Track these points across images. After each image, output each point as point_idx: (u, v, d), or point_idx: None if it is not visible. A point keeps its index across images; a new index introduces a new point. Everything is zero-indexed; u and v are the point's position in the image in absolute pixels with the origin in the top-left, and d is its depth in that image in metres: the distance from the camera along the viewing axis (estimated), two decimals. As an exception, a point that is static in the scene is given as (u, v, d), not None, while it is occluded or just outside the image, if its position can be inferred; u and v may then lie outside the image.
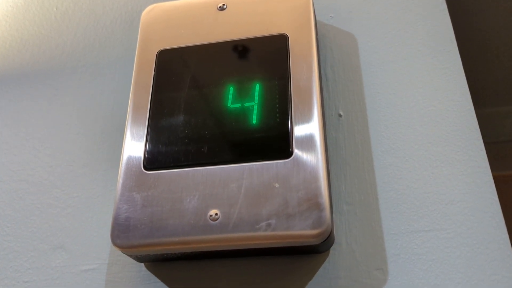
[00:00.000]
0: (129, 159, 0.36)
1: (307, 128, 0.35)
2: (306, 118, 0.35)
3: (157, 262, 0.37)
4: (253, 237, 0.31)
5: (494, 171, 0.36)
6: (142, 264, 0.37)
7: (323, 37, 0.44)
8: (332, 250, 0.35)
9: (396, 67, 0.42)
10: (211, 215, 0.32)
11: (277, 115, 0.36)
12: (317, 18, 0.45)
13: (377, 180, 0.37)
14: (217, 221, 0.32)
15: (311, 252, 0.34)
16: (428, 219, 0.34)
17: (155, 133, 0.37)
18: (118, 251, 0.38)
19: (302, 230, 0.31)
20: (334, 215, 0.36)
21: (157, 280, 0.36)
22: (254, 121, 0.36)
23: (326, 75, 0.42)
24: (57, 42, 0.51)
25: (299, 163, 0.33)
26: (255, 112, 0.36)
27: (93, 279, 0.38)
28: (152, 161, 0.36)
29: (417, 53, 0.42)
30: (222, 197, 0.33)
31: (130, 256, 0.35)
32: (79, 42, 0.51)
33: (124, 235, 0.33)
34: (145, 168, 0.35)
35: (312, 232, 0.31)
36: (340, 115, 0.40)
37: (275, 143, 0.35)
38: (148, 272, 0.37)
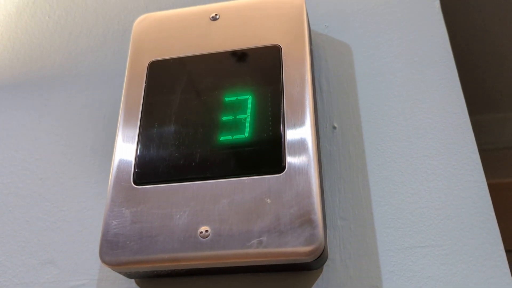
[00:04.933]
0: (119, 173, 0.35)
1: (300, 142, 0.34)
2: (299, 131, 0.34)
3: (148, 279, 0.36)
4: (244, 255, 0.31)
5: (491, 179, 0.36)
6: (133, 281, 0.36)
7: (318, 47, 0.44)
8: (325, 267, 0.34)
9: (392, 78, 0.41)
10: (201, 232, 0.32)
11: (270, 128, 0.35)
12: (311, 28, 0.44)
13: (372, 194, 0.36)
14: (207, 238, 0.31)
15: (304, 269, 0.33)
16: (423, 235, 0.34)
17: (145, 147, 0.36)
18: (107, 269, 0.37)
19: (294, 247, 0.30)
20: (328, 231, 0.35)
21: (148, 296, 0.35)
22: (246, 134, 0.35)
23: (320, 86, 0.42)
24: (48, 52, 0.51)
25: (292, 178, 0.32)
26: (247, 125, 0.36)
27: (82, 295, 0.37)
28: (142, 176, 0.35)
29: (413, 63, 0.41)
30: (213, 213, 0.32)
31: (120, 272, 0.34)
32: (70, 52, 0.50)
33: (112, 252, 0.32)
34: (135, 182, 0.35)
35: (305, 249, 0.30)
36: (334, 127, 0.39)
37: (267, 157, 0.34)
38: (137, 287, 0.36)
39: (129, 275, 0.34)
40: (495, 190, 0.35)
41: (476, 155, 0.36)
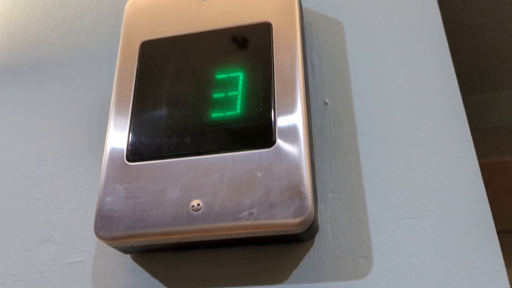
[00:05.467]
0: (112, 151, 0.36)
1: (290, 117, 0.34)
2: (289, 107, 0.35)
3: (143, 253, 0.36)
4: (235, 227, 0.31)
5: (480, 158, 0.36)
6: (129, 256, 0.37)
7: (309, 24, 0.44)
8: (317, 239, 0.34)
9: (383, 54, 0.41)
10: (193, 206, 0.32)
11: (261, 104, 0.35)
12: (303, 5, 0.44)
13: (363, 168, 0.36)
14: (199, 212, 0.32)
15: (295, 240, 0.34)
16: (413, 206, 0.34)
17: (137, 125, 0.37)
18: (104, 243, 0.38)
19: (284, 219, 0.31)
20: (319, 204, 0.36)
21: (143, 271, 0.36)
22: (237, 111, 0.36)
23: (312, 63, 0.42)
24: (43, 36, 0.51)
25: (282, 152, 0.33)
26: (238, 101, 0.36)
27: (80, 271, 0.38)
28: (135, 153, 0.35)
29: (405, 39, 0.41)
30: (204, 187, 0.33)
31: (115, 247, 0.35)
32: (65, 35, 0.50)
33: (107, 227, 0.33)
34: (128, 159, 0.35)
35: (294, 220, 0.31)
36: (326, 103, 0.40)
37: (257, 132, 0.34)
38: (134, 263, 0.37)
39: (124, 250, 0.35)
40: (484, 170, 0.35)
41: (466, 127, 0.36)
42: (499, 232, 0.33)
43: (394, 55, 0.41)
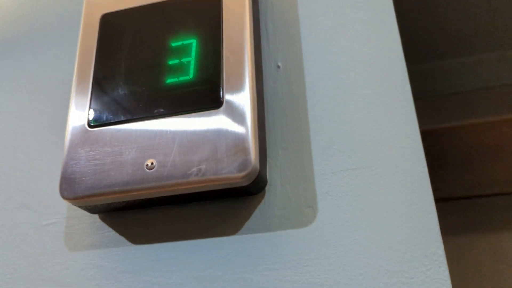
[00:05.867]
0: (75, 118, 0.38)
1: (237, 79, 0.36)
2: (237, 70, 0.37)
3: (109, 213, 0.39)
4: (185, 183, 0.34)
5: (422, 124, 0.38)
6: (96, 216, 0.40)
7: (264, -8, 0.45)
8: (267, 192, 0.37)
9: (333, 19, 0.43)
10: (147, 165, 0.35)
11: (211, 69, 0.37)
12: (258, -26, 0.46)
13: (311, 124, 0.39)
14: (153, 170, 0.35)
15: (246, 194, 0.36)
16: (356, 159, 0.36)
17: (97, 93, 0.39)
18: (75, 206, 0.41)
19: (229, 173, 0.33)
20: (269, 160, 0.38)
21: (110, 229, 0.39)
22: (190, 76, 0.38)
23: (266, 28, 0.44)
24: (4, 11, 0.53)
25: (229, 112, 0.35)
26: (191, 67, 0.38)
27: (54, 232, 0.40)
28: (95, 119, 0.38)
29: (354, 4, 0.43)
30: (158, 147, 0.35)
31: (81, 207, 0.37)
32: (31, 10, 0.52)
33: (70, 188, 0.36)
34: (89, 125, 0.38)
35: (239, 174, 0.33)
36: (278, 66, 0.42)
37: (207, 95, 0.36)
38: (102, 223, 0.39)
39: (89, 210, 0.38)
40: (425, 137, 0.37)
41: (408, 87, 0.38)
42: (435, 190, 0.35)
43: (344, 19, 0.42)
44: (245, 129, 0.34)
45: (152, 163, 0.35)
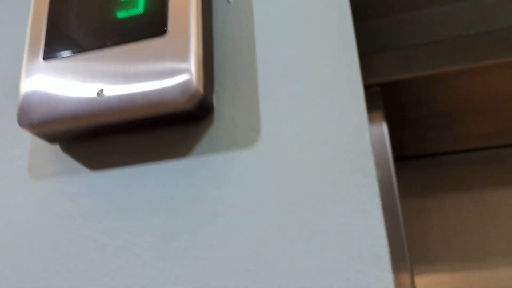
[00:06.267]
0: (30, 52, 0.40)
1: (182, 11, 0.38)
2: (182, 3, 0.38)
3: (68, 143, 0.41)
4: (132, 108, 0.36)
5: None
6: (58, 146, 0.42)
7: None
8: (216, 120, 0.39)
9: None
10: (98, 93, 0.37)
11: (158, 2, 0.39)
12: None
13: (258, 55, 0.40)
14: (103, 97, 0.37)
15: (193, 119, 0.38)
16: (298, 84, 0.38)
17: (52, 28, 0.40)
18: (38, 140, 0.43)
19: (173, 97, 0.35)
20: (218, 89, 0.40)
21: (70, 158, 0.41)
22: (140, 9, 0.39)
23: (219, -35, 0.45)
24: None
25: (173, 39, 0.37)
26: (140, 1, 0.39)
27: (19, 163, 0.43)
28: (49, 52, 0.39)
29: None
30: (107, 75, 0.37)
31: (39, 136, 0.40)
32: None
33: (26, 116, 0.38)
34: (44, 58, 0.39)
35: (182, 98, 0.35)
36: (229, 1, 0.43)
37: (153, 25, 0.38)
38: (62, 152, 0.42)
39: (49, 138, 0.40)
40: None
41: (348, 11, 0.39)
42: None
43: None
44: (187, 55, 0.36)
45: (101, 91, 0.37)
